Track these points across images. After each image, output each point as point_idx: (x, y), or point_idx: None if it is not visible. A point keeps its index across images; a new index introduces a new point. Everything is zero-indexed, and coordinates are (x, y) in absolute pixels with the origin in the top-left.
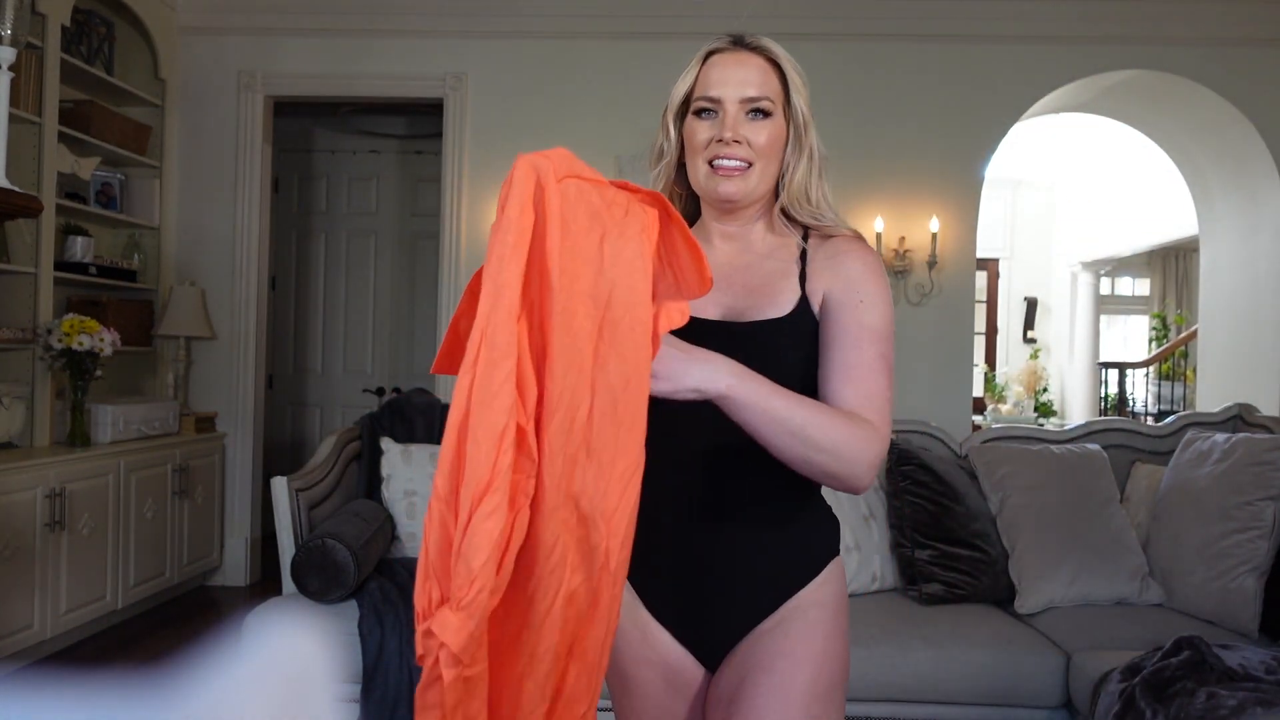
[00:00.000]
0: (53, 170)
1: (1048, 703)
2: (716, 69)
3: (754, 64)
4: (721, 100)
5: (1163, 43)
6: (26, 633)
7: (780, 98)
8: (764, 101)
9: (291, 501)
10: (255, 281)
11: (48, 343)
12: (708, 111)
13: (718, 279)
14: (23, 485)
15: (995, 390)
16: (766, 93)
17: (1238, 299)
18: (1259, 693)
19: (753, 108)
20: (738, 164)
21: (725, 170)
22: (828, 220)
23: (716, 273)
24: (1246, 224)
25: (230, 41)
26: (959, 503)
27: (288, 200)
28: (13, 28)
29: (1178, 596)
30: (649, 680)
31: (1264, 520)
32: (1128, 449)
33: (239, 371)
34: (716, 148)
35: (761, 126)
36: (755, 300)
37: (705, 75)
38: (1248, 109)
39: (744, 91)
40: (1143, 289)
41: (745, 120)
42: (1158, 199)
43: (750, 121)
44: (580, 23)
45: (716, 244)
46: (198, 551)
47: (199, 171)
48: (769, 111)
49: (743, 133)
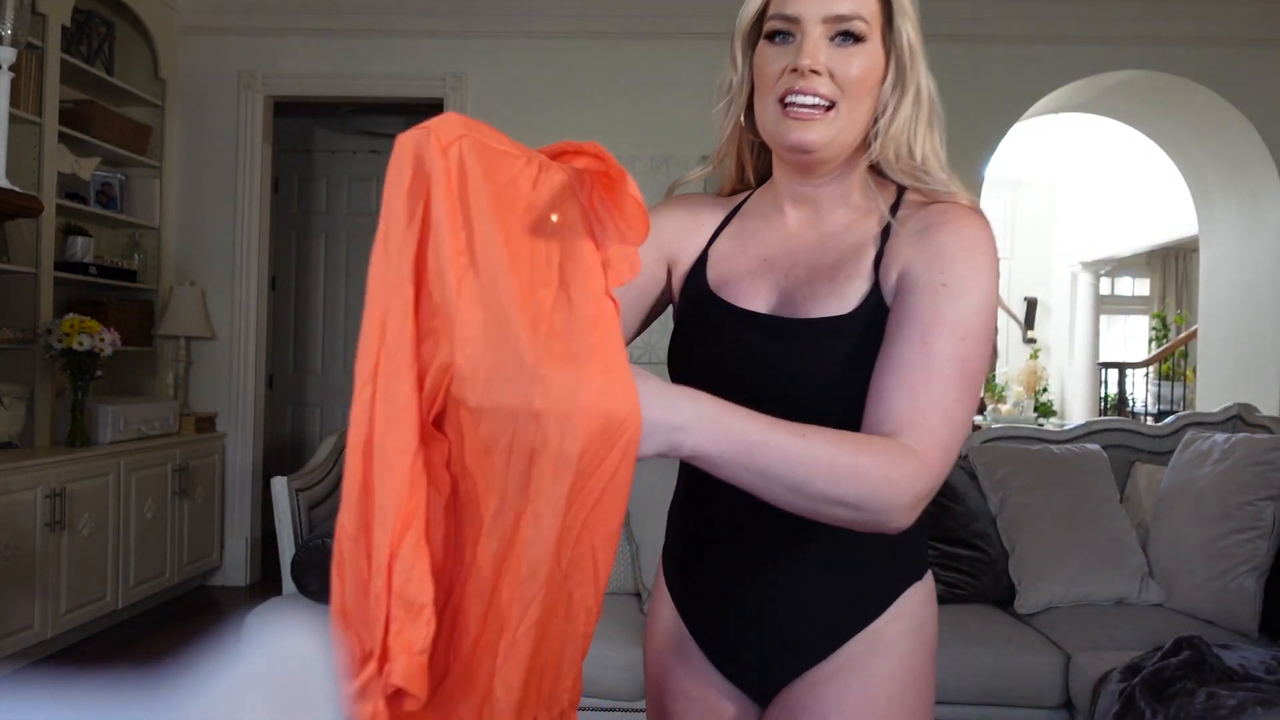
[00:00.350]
0: (53, 170)
1: (1047, 703)
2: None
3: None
4: (800, 19)
5: (1163, 43)
6: (26, 632)
7: (879, 19)
8: (856, 22)
9: (291, 501)
10: (255, 281)
11: (48, 343)
12: (783, 35)
13: (779, 256)
14: (23, 485)
15: (995, 390)
16: (860, 11)
17: (1237, 299)
18: (1259, 693)
19: (841, 30)
20: (817, 102)
21: (799, 111)
22: (934, 182)
23: (779, 248)
24: (1246, 224)
25: (230, 41)
26: (959, 503)
27: (288, 200)
28: (13, 28)
29: (1177, 596)
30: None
31: (1264, 520)
32: (1128, 449)
33: (239, 371)
34: (790, 79)
35: (851, 54)
36: (816, 289)
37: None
38: (1248, 109)
39: (830, 8)
40: (1143, 289)
41: (830, 46)
42: (1158, 199)
43: (837, 48)
44: (580, 23)
45: (787, 210)
46: (198, 551)
47: (199, 171)
48: (862, 35)
49: (825, 61)
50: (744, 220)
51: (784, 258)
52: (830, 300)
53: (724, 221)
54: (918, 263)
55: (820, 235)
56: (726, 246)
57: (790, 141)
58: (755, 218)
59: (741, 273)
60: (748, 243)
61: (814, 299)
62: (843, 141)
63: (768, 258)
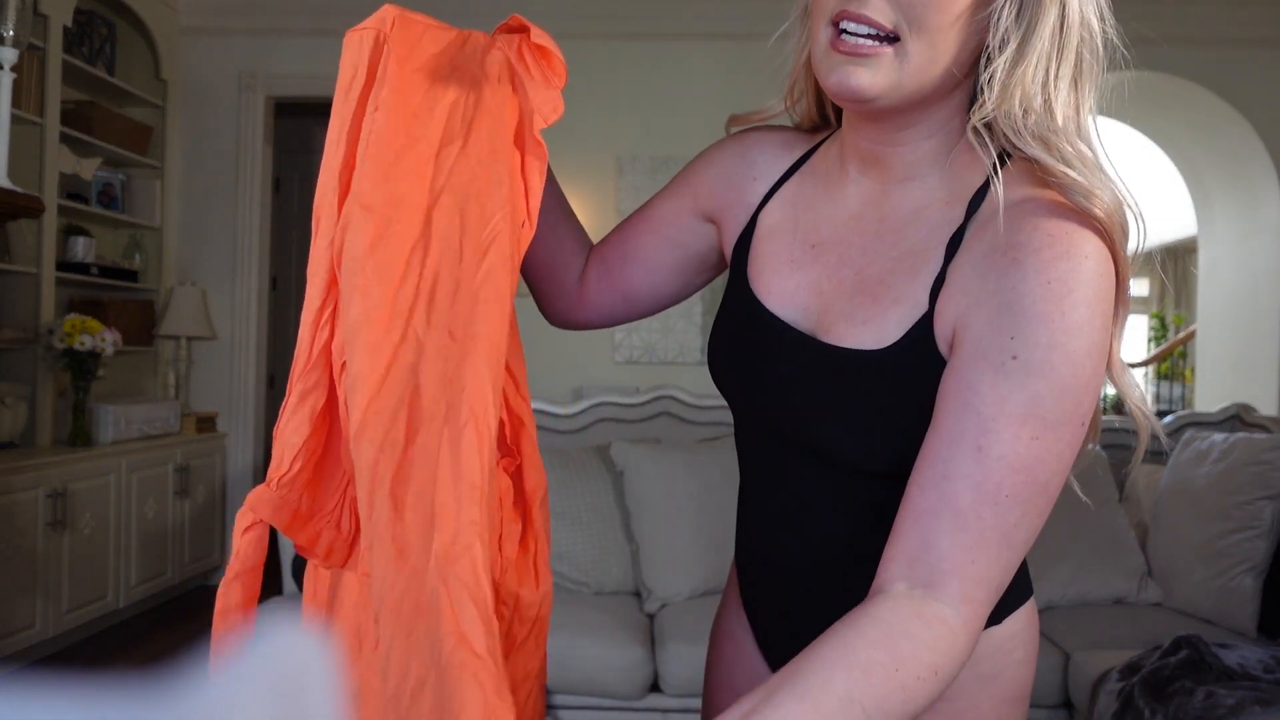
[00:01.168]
0: (54, 171)
1: (1046, 702)
2: None
3: None
4: None
5: (1162, 43)
6: (28, 632)
7: None
8: None
9: None
10: (256, 281)
11: (49, 343)
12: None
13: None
14: (24, 485)
15: None
16: None
17: (1236, 299)
18: (1257, 692)
19: None
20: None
21: (849, 43)
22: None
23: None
24: (1245, 224)
25: (231, 42)
26: None
27: (288, 200)
28: (14, 29)
29: (1176, 596)
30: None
31: (1262, 520)
32: (1127, 449)
33: (239, 371)
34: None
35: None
36: (856, 305)
37: None
38: (1247, 109)
39: None
40: (1142, 289)
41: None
42: (1157, 199)
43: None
44: (580, 23)
45: (851, 174)
46: (199, 551)
47: (200, 172)
48: None
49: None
50: (804, 179)
51: (834, 246)
52: (867, 326)
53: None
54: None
55: (880, 220)
56: (777, 215)
57: (831, 84)
58: (818, 178)
59: (783, 260)
60: (800, 214)
61: (849, 318)
62: (911, 88)
63: (817, 243)
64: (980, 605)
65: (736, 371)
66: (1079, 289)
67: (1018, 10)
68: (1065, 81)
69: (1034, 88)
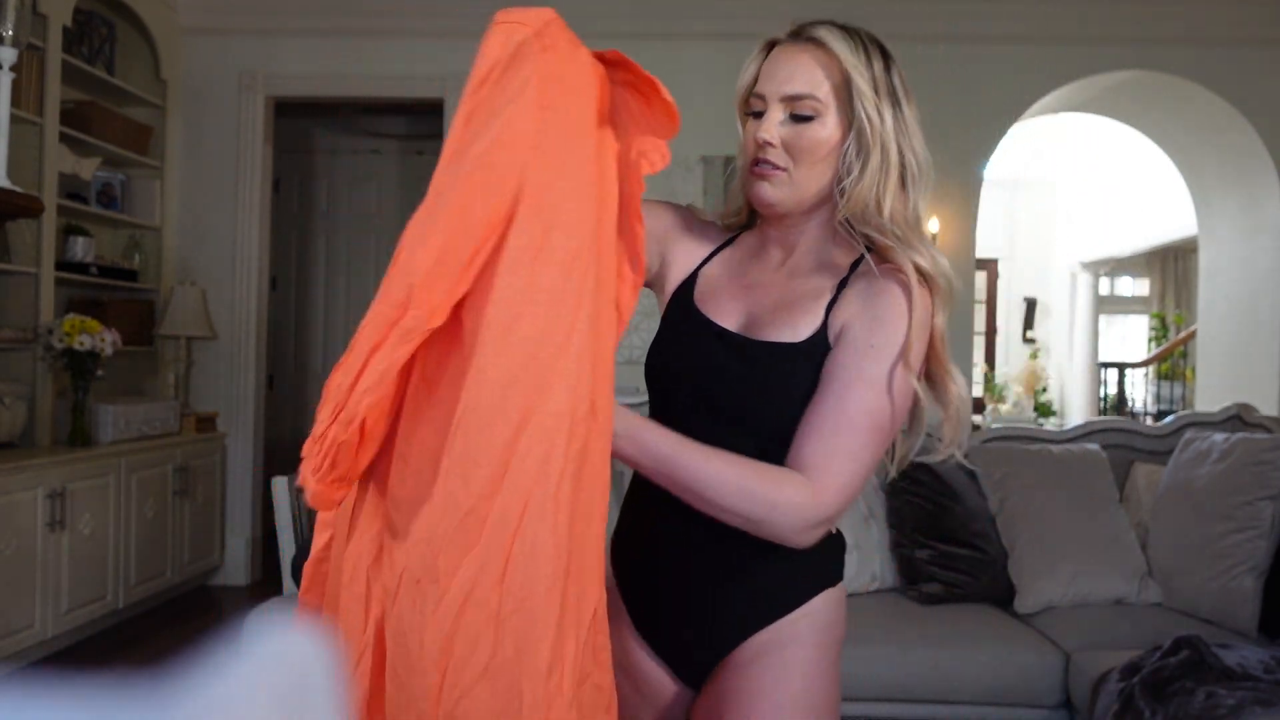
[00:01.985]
0: (54, 170)
1: (1047, 702)
2: (768, 63)
3: (804, 59)
4: (765, 97)
5: (1163, 43)
6: (27, 632)
7: (834, 96)
8: (807, 101)
9: (292, 501)
10: (255, 281)
11: (49, 343)
12: (757, 111)
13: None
14: (24, 485)
15: (995, 390)
16: (812, 90)
17: (1237, 299)
18: (1257, 692)
19: (794, 111)
20: (771, 168)
21: (760, 171)
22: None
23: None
24: (1246, 224)
25: (231, 42)
26: (958, 503)
27: (288, 200)
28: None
29: (1177, 596)
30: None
31: (1263, 520)
32: (1127, 449)
33: (239, 371)
34: (756, 150)
35: (802, 129)
36: (777, 317)
37: (763, 70)
38: (1247, 109)
39: (785, 88)
40: (1142, 289)
41: (787, 121)
42: (1157, 199)
43: (792, 123)
44: (580, 23)
45: (770, 249)
46: (198, 551)
47: (200, 172)
48: (812, 114)
49: (779, 133)
50: (735, 250)
51: (758, 288)
52: (785, 329)
53: (719, 248)
54: (857, 323)
55: (790, 274)
56: (716, 269)
57: (751, 195)
58: (744, 250)
59: (722, 293)
60: (733, 270)
61: (774, 326)
62: (798, 199)
63: (747, 285)
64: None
65: (682, 364)
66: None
67: (856, 151)
68: (892, 190)
69: (869, 196)
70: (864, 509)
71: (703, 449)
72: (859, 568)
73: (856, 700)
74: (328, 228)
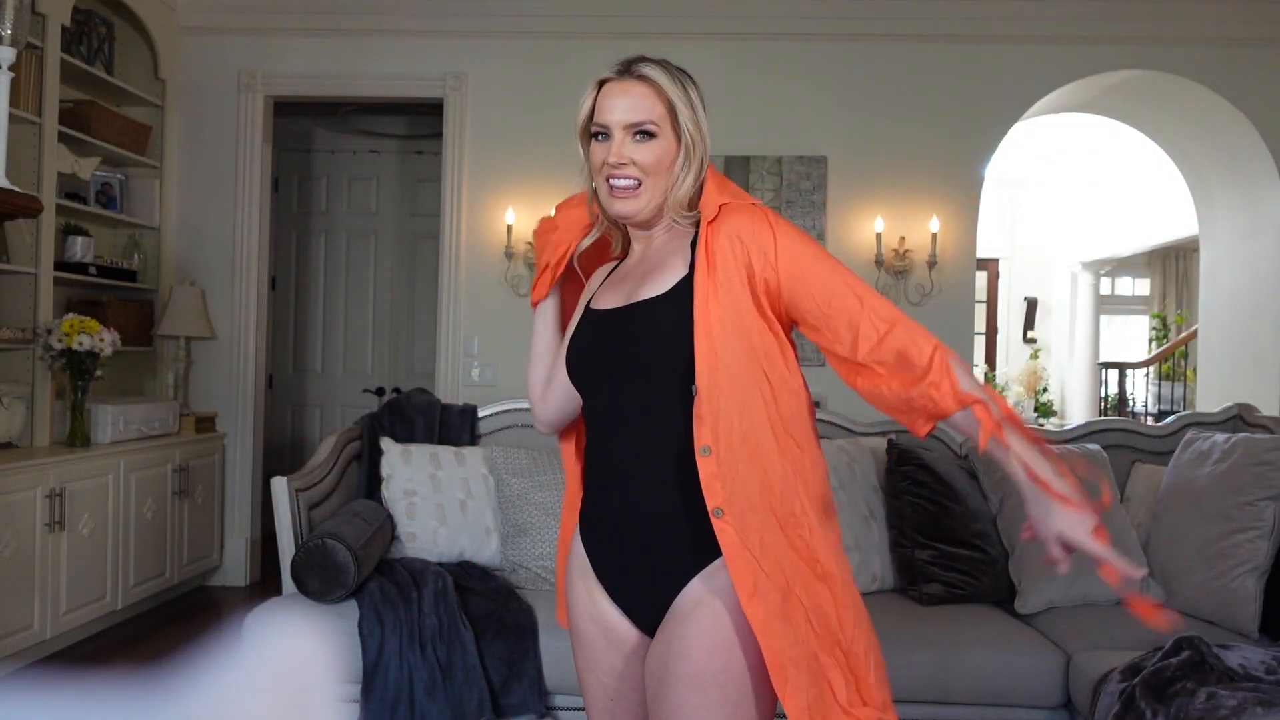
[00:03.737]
0: (53, 170)
1: (1048, 703)
2: (606, 97)
3: (637, 91)
4: (609, 126)
5: (1163, 43)
6: (26, 633)
7: (666, 119)
8: (648, 125)
9: (291, 501)
10: (255, 281)
11: (48, 343)
12: (602, 135)
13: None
14: (23, 485)
15: (995, 390)
16: (649, 117)
17: (1238, 299)
18: (1259, 693)
19: (637, 130)
20: (629, 183)
21: (619, 191)
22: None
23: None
24: (1246, 224)
25: (230, 41)
26: (959, 503)
27: (288, 200)
28: (13, 28)
29: (1178, 596)
30: (591, 634)
31: (1264, 520)
32: (1128, 449)
33: (239, 371)
34: (608, 169)
35: (647, 147)
36: (645, 284)
37: (599, 103)
38: (1248, 109)
39: (628, 117)
40: (1143, 289)
41: (632, 142)
42: (1158, 199)
43: (637, 144)
44: (580, 23)
45: (635, 247)
46: (198, 551)
47: (199, 171)
48: (654, 133)
49: (629, 154)
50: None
51: (630, 274)
52: (652, 288)
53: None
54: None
55: (649, 254)
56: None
57: (615, 212)
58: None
59: (605, 292)
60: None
61: (643, 290)
62: (653, 206)
63: (623, 277)
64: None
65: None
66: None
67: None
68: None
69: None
70: (864, 509)
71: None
72: (859, 568)
73: None
74: (327, 227)
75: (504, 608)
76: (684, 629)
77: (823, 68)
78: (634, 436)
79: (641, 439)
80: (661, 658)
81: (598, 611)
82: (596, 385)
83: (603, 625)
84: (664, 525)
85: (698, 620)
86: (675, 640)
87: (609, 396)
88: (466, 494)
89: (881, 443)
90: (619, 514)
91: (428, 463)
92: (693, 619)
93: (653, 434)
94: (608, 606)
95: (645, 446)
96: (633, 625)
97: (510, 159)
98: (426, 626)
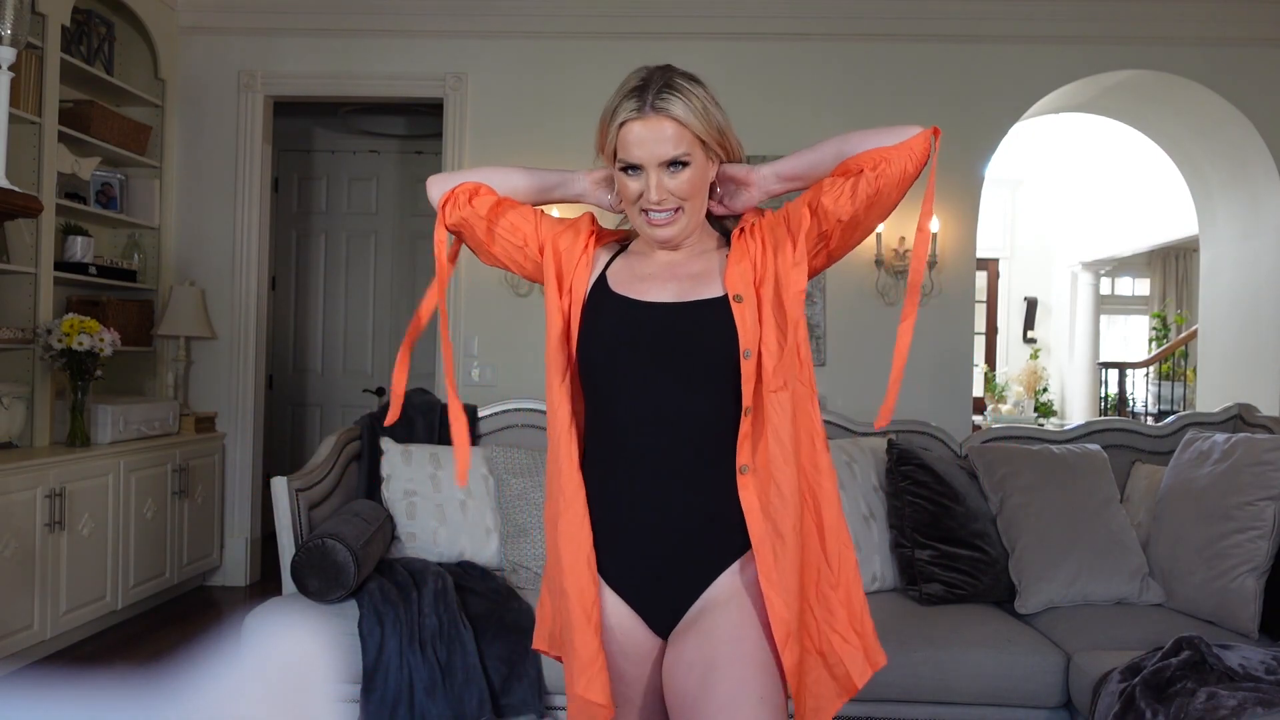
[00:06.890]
0: (53, 170)
1: (1048, 703)
2: (633, 134)
3: (663, 127)
4: (642, 164)
5: (1163, 43)
6: (26, 633)
7: (695, 144)
8: (681, 155)
9: (291, 501)
10: (255, 281)
11: (48, 343)
12: (634, 169)
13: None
14: (23, 485)
15: (995, 390)
16: (680, 149)
17: (1238, 299)
18: (1259, 693)
19: (671, 162)
20: (667, 214)
21: (659, 220)
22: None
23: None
24: (1246, 224)
25: (230, 41)
26: (959, 503)
27: (288, 200)
28: (13, 28)
29: (1178, 596)
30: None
31: (1264, 520)
32: (1128, 449)
33: (239, 371)
34: (645, 203)
35: (683, 176)
36: (698, 286)
37: (623, 140)
38: (1248, 109)
39: (660, 154)
40: (1143, 289)
41: (667, 175)
42: (1158, 199)
43: (672, 175)
44: (580, 23)
45: (658, 254)
46: (198, 551)
47: (199, 171)
48: (686, 162)
49: (667, 187)
50: (629, 256)
51: (666, 272)
52: (706, 290)
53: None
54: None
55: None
56: (619, 268)
57: (658, 239)
58: (636, 255)
59: (635, 283)
60: (635, 267)
61: (697, 292)
62: (691, 226)
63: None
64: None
65: (623, 341)
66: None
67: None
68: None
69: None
70: (864, 509)
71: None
72: (859, 568)
73: (857, 700)
74: (327, 227)
75: (504, 608)
76: (728, 614)
77: (822, 67)
78: (673, 434)
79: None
80: (704, 647)
81: (607, 617)
82: (631, 377)
83: (610, 630)
84: (698, 524)
85: (739, 606)
86: (722, 626)
87: (649, 391)
88: (466, 494)
89: (881, 443)
90: (649, 512)
91: (428, 463)
92: (732, 606)
93: (692, 432)
94: (621, 610)
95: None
96: (648, 629)
97: (510, 159)
98: (426, 626)
